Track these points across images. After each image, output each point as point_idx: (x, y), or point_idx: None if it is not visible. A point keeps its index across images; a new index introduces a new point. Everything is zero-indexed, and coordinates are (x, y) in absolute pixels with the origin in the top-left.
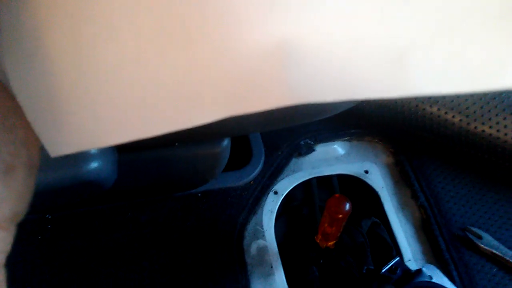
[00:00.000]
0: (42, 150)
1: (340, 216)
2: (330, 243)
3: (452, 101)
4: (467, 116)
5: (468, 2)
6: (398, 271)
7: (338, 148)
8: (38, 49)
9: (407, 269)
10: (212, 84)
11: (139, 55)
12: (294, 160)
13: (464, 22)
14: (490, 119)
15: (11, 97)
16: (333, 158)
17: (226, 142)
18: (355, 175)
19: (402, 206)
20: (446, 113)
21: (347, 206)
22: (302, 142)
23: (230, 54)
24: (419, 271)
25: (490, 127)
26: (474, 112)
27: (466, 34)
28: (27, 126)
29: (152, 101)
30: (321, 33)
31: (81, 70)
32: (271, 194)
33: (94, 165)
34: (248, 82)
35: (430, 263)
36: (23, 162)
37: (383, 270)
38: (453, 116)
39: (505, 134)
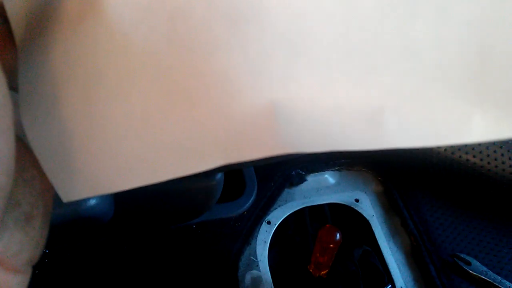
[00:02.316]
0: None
1: (331, 245)
2: (323, 272)
3: None
4: (451, 146)
5: (430, 72)
6: None
7: (329, 177)
8: (53, 106)
9: None
10: (211, 138)
11: (146, 115)
12: (286, 190)
13: (429, 87)
14: (473, 148)
15: (29, 151)
16: (324, 187)
17: (220, 175)
18: (346, 203)
19: (393, 233)
20: None
21: (338, 235)
22: (293, 173)
23: (227, 113)
24: None
25: (474, 156)
26: None
27: (431, 97)
28: (43, 177)
29: (158, 153)
30: (305, 96)
31: (92, 125)
32: (264, 224)
33: (92, 201)
34: (243, 136)
35: None
36: (41, 211)
37: None
38: (438, 146)
39: (488, 163)
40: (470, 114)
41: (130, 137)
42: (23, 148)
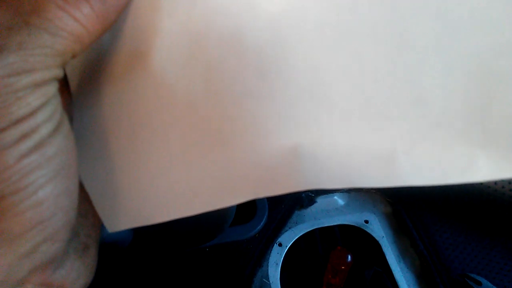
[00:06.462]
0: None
1: (343, 267)
2: None
3: None
4: None
5: (437, 118)
6: None
7: (338, 199)
8: (102, 147)
9: None
10: (242, 175)
11: (184, 155)
12: (296, 213)
13: (437, 132)
14: None
15: (82, 187)
16: (333, 209)
17: None
18: (355, 225)
19: (403, 254)
20: None
21: (349, 257)
22: (303, 195)
23: (256, 153)
24: None
25: None
26: None
27: (439, 141)
28: (94, 210)
29: (194, 189)
30: (325, 139)
31: (136, 164)
32: (275, 246)
33: None
34: (271, 174)
35: None
36: (94, 241)
37: None
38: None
39: (495, 183)
40: (475, 156)
41: (170, 175)
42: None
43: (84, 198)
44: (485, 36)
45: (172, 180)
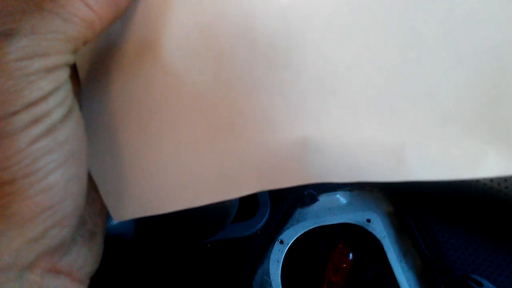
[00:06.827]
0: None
1: (344, 265)
2: None
3: None
4: None
5: (446, 113)
6: None
7: (340, 197)
8: (110, 136)
9: None
10: (250, 167)
11: (193, 145)
12: (298, 210)
13: (445, 127)
14: None
15: (90, 176)
16: (336, 207)
17: None
18: (357, 224)
19: (404, 254)
20: None
21: (350, 255)
22: (305, 193)
23: (264, 146)
24: None
25: None
26: None
27: (447, 136)
28: (101, 199)
29: (201, 179)
30: (334, 132)
31: (144, 154)
32: (277, 243)
33: (114, 221)
34: (278, 166)
35: None
36: (100, 229)
37: None
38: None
39: (499, 184)
40: (484, 151)
41: (177, 165)
42: None
43: (91, 186)
44: (496, 31)
45: (179, 169)
